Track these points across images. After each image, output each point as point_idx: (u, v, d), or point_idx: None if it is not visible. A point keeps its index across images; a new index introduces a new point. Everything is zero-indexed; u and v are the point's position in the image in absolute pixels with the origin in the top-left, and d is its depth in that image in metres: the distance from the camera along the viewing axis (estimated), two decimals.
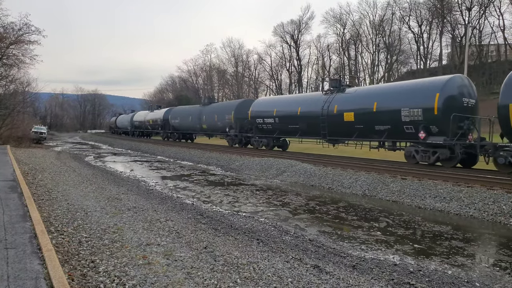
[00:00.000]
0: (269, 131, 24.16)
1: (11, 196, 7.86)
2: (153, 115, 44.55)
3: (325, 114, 19.28)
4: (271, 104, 24.38)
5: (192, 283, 4.22)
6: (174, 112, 38.86)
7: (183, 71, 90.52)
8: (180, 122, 36.72)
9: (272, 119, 23.44)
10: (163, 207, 9.02)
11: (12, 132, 31.36)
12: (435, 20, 53.55)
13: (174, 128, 38.17)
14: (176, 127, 37.94)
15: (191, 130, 35.82)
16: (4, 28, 28.34)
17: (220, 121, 29.06)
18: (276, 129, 23.52)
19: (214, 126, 30.38)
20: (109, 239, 5.72)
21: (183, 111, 37.62)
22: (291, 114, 21.98)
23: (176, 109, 40.05)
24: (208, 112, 31.46)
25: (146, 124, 46.37)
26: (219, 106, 32.07)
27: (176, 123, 37.62)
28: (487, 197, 9.84)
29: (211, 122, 30.47)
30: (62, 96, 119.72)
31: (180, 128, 37.51)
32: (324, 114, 19.32)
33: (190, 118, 34.14)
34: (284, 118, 22.61)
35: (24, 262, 4.14)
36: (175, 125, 37.98)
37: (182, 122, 36.34)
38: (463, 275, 5.52)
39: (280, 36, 70.27)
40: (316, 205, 10.52)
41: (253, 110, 25.36)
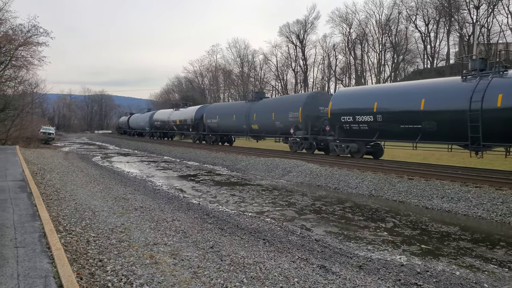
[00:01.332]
0: (362, 133, 17.80)
1: (21, 196, 7.95)
2: (180, 114, 38.67)
3: (477, 109, 13.20)
4: (367, 97, 18.02)
5: (199, 282, 4.24)
6: (211, 110, 32.79)
7: (189, 72, 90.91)
8: (220, 122, 30.58)
9: (369, 117, 17.13)
10: (170, 207, 9.06)
11: (21, 133, 31.75)
12: (442, 19, 53.10)
13: (211, 129, 32.14)
14: (213, 128, 31.87)
15: (235, 131, 29.73)
16: (13, 30, 28.74)
17: (279, 120, 23.48)
18: (375, 130, 17.16)
19: (269, 127, 24.81)
20: (116, 238, 5.77)
21: (224, 108, 32.14)
22: (407, 109, 15.72)
23: (213, 107, 34.49)
24: (260, 109, 25.87)
25: (170, 124, 40.36)
26: (278, 102, 26.70)
27: (213, 124, 31.53)
28: (496, 197, 9.75)
29: (266, 121, 24.87)
30: (70, 97, 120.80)
31: (218, 129, 31.40)
32: (476, 109, 13.22)
33: (234, 117, 28.28)
34: (394, 116, 16.23)
35: (34, 261, 4.20)
36: (212, 126, 31.92)
37: (222, 122, 30.27)
38: (471, 276, 5.47)
39: (285, 36, 70.20)
40: (322, 205, 10.50)
41: (335, 105, 19.16)
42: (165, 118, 42.22)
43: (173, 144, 35.28)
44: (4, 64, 28.96)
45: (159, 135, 45.72)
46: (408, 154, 21.05)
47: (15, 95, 33.93)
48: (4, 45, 27.49)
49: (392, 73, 59.42)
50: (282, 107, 24.04)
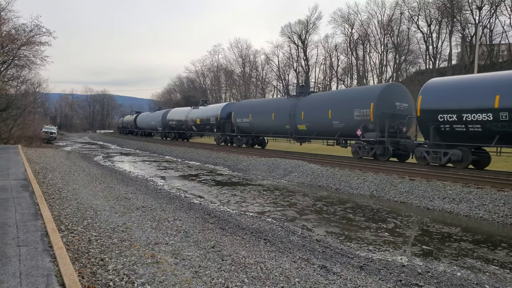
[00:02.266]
0: (471, 136, 14.01)
1: (23, 195, 7.98)
2: (200, 113, 34.82)
3: None
4: (482, 88, 13.78)
5: (200, 282, 4.25)
6: (241, 108, 28.70)
7: (190, 72, 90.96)
8: (253, 122, 26.48)
9: (485, 116, 13.23)
10: (171, 207, 9.08)
11: (23, 132, 31.88)
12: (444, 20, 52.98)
13: (241, 129, 28.11)
14: (244, 128, 27.83)
15: (273, 132, 25.42)
16: (15, 29, 28.83)
17: (339, 118, 19.24)
18: (493, 132, 13.23)
19: (323, 127, 20.34)
20: (118, 237, 5.78)
21: (259, 106, 27.55)
22: None
23: (245, 104, 30.31)
24: (309, 105, 21.70)
25: (189, 124, 36.63)
26: (336, 97, 21.38)
27: (245, 123, 27.47)
28: (498, 198, 9.74)
29: (318, 120, 20.58)
30: (72, 96, 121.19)
31: (251, 130, 27.18)
32: None
33: (273, 116, 24.23)
34: None
35: (36, 260, 4.21)
36: (242, 126, 27.88)
37: (257, 122, 26.18)
38: (472, 277, 5.47)
39: (287, 36, 70.15)
40: (324, 206, 10.50)
41: (428, 100, 15.16)
42: (182, 117, 38.42)
43: (175, 144, 35.29)
44: (6, 64, 29.06)
45: (174, 135, 41.95)
46: None
47: (17, 95, 34.07)
48: (7, 44, 27.58)
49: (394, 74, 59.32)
50: (343, 103, 19.36)
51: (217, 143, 32.45)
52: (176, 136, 41.95)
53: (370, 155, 18.04)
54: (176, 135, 41.89)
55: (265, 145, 29.51)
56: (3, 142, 28.16)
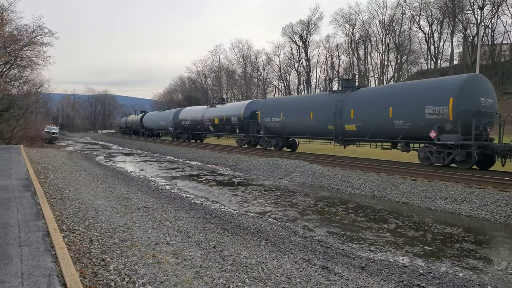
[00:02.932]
0: None
1: (25, 195, 8.00)
2: (219, 112, 31.77)
3: None
4: None
5: (201, 282, 4.25)
6: (270, 106, 25.30)
7: (192, 72, 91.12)
8: (286, 122, 23.18)
9: None
10: (172, 207, 9.09)
11: (25, 132, 31.94)
12: (446, 20, 52.89)
13: (270, 130, 24.93)
14: (274, 129, 24.47)
15: (311, 133, 21.72)
16: (18, 30, 28.91)
17: (404, 117, 15.99)
18: None
19: (381, 127, 17.18)
20: (119, 238, 5.79)
21: (293, 103, 23.98)
22: None
23: (274, 102, 26.83)
24: (361, 102, 18.42)
25: (205, 124, 33.76)
26: (399, 91, 17.34)
27: (275, 124, 24.13)
28: (500, 198, 9.71)
29: (374, 119, 17.45)
30: (74, 96, 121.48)
31: (283, 131, 23.90)
32: None
33: (312, 115, 20.95)
34: None
35: (38, 260, 4.22)
36: (272, 126, 24.60)
37: (291, 121, 22.89)
38: (474, 278, 5.45)
39: (288, 36, 70.22)
40: (325, 206, 10.49)
41: None
42: (197, 117, 35.36)
43: (176, 144, 35.31)
44: (9, 64, 29.15)
45: (187, 136, 38.87)
46: (411, 155, 20.97)
47: (19, 95, 34.16)
48: (9, 45, 27.66)
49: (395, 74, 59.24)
50: (410, 99, 15.98)
51: (239, 145, 29.45)
52: (189, 137, 38.80)
53: (447, 162, 14.94)
54: (190, 136, 38.73)
55: (296, 148, 25.79)
56: (5, 142, 28.24)
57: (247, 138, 28.28)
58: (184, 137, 39.73)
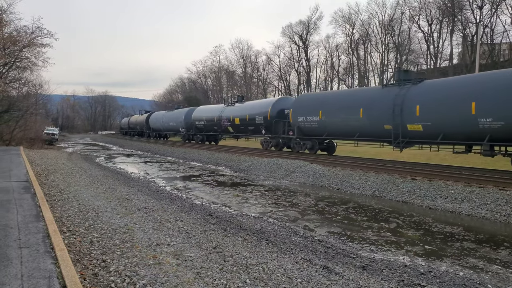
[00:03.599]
0: None
1: (25, 197, 7.99)
2: (240, 111, 28.76)
3: None
4: None
5: (202, 283, 4.24)
6: (305, 103, 22.26)
7: (192, 73, 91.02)
8: (327, 121, 19.94)
9: None
10: (173, 208, 9.08)
11: (25, 134, 31.93)
12: (445, 19, 52.89)
13: (303, 131, 21.74)
14: (310, 129, 21.26)
15: (360, 135, 18.46)
16: (17, 31, 28.88)
17: (494, 114, 13.18)
18: None
19: (459, 126, 14.29)
20: (119, 239, 5.78)
21: (334, 99, 20.69)
22: None
23: (311, 98, 23.61)
24: (431, 96, 15.47)
25: (223, 125, 30.73)
26: (484, 81, 14.07)
27: (311, 123, 20.91)
28: (500, 197, 9.71)
29: (452, 117, 14.42)
30: (73, 98, 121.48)
31: (322, 131, 20.54)
32: None
33: (362, 112, 17.83)
34: None
35: (38, 261, 4.21)
36: (306, 127, 21.40)
37: (333, 121, 19.68)
38: (475, 277, 5.45)
39: (288, 36, 70.15)
40: (325, 206, 10.48)
41: None
42: (213, 116, 32.15)
43: (177, 145, 35.31)
44: (8, 65, 29.13)
45: (201, 138, 35.59)
46: (412, 155, 20.99)
47: (19, 96, 34.15)
48: (9, 46, 27.64)
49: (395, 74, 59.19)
50: (502, 92, 12.99)
51: (264, 147, 26.16)
52: (203, 139, 35.53)
53: None
54: (204, 138, 35.45)
55: (333, 151, 22.66)
56: (5, 143, 28.22)
57: (274, 140, 25.27)
58: (197, 139, 36.32)
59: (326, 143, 22.33)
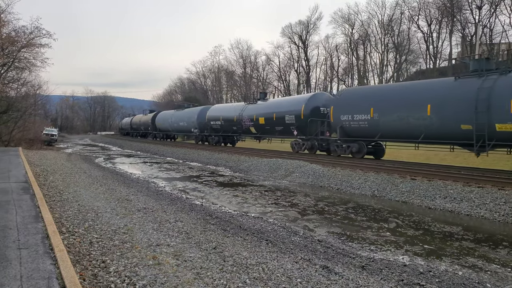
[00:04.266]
0: None
1: (24, 197, 7.98)
2: (265, 109, 25.97)
3: None
4: None
5: (202, 283, 4.25)
6: (351, 99, 19.41)
7: (191, 73, 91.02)
8: (380, 120, 17.19)
9: None
10: (173, 208, 9.08)
11: (24, 134, 31.88)
12: (444, 19, 52.95)
13: (347, 132, 19.10)
14: (358, 130, 18.44)
15: (425, 136, 15.53)
16: (15, 31, 28.85)
17: None
18: None
19: None
20: (119, 239, 5.78)
21: (392, 94, 17.63)
22: None
23: (359, 93, 20.35)
24: None
25: (245, 125, 27.73)
26: None
27: (360, 123, 18.18)
28: (499, 197, 9.72)
29: None
30: (73, 98, 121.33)
31: (373, 132, 17.73)
32: None
33: (430, 109, 15.10)
34: None
35: (37, 262, 4.21)
36: (352, 128, 18.66)
37: (389, 120, 16.84)
38: (474, 276, 5.46)
39: (288, 36, 70.18)
40: (325, 206, 10.49)
41: None
42: (232, 115, 29.28)
43: (177, 145, 35.30)
44: (7, 66, 29.10)
45: (218, 140, 32.48)
46: (411, 154, 21.00)
47: (18, 97, 34.09)
48: (7, 46, 27.62)
49: (394, 74, 59.32)
50: None
51: (295, 150, 23.43)
52: (220, 140, 32.39)
53: None
54: (221, 139, 32.30)
55: (382, 154, 19.78)
56: (4, 144, 28.19)
57: (309, 142, 22.34)
58: (213, 140, 32.98)
59: (372, 145, 19.37)
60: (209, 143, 33.92)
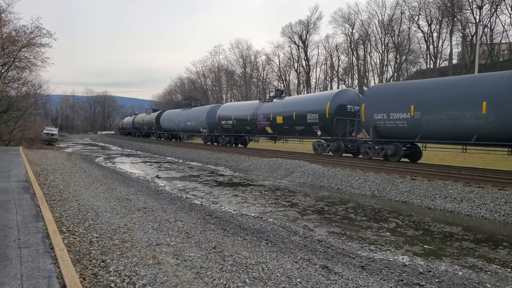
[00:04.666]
0: None
1: (24, 197, 7.99)
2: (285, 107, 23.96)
3: None
4: None
5: (202, 283, 4.25)
6: (387, 94, 17.43)
7: (191, 73, 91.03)
8: (423, 119, 15.31)
9: None
10: (173, 208, 9.08)
11: (24, 134, 31.87)
12: (445, 19, 52.92)
13: (380, 133, 17.24)
14: (395, 131, 16.53)
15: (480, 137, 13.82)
16: (16, 31, 28.85)
17: None
18: None
19: None
20: (119, 239, 5.78)
21: (436, 88, 15.44)
22: None
23: (397, 89, 17.87)
24: None
25: (260, 124, 25.93)
26: None
27: (396, 123, 16.36)
28: (499, 197, 9.72)
29: None
30: (73, 98, 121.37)
31: (413, 133, 15.79)
32: None
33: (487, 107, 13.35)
34: None
35: (37, 261, 4.22)
36: (387, 128, 16.78)
37: (432, 119, 15.11)
38: (474, 276, 5.46)
39: (288, 36, 70.17)
40: (325, 206, 10.49)
41: None
42: (245, 114, 27.36)
43: (176, 145, 35.29)
44: (7, 65, 29.10)
45: (229, 140, 30.74)
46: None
47: (18, 96, 34.09)
48: (7, 46, 27.62)
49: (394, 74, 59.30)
50: None
51: (318, 151, 21.67)
52: (231, 140, 30.67)
53: None
54: (232, 139, 30.62)
55: (419, 157, 17.92)
56: (4, 144, 28.19)
57: (335, 143, 20.36)
58: (224, 141, 31.23)
59: (407, 147, 17.57)
60: (219, 143, 32.26)
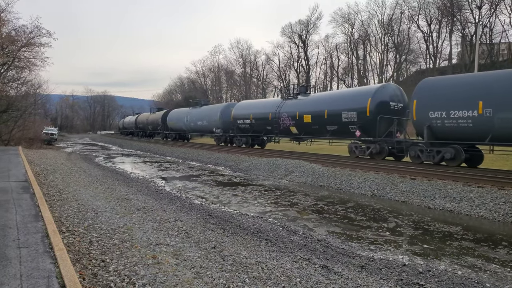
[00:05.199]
0: None
1: (24, 197, 7.98)
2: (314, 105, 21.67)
3: None
4: None
5: (201, 282, 4.25)
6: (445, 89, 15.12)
7: (191, 72, 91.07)
8: (495, 118, 13.25)
9: None
10: (172, 207, 9.08)
11: (23, 134, 31.88)
12: (444, 19, 52.94)
13: (436, 133, 15.26)
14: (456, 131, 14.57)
15: None
16: (15, 31, 28.84)
17: None
18: None
19: None
20: (119, 239, 5.78)
21: None
22: None
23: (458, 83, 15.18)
24: None
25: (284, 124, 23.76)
26: None
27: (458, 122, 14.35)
28: (498, 197, 9.73)
29: None
30: (72, 98, 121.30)
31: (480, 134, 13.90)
32: None
33: None
34: None
35: (37, 261, 4.21)
36: (445, 128, 14.82)
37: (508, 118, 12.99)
38: (473, 276, 5.46)
39: (288, 36, 70.19)
40: (325, 206, 10.49)
41: None
42: (266, 113, 25.33)
43: (176, 144, 35.29)
44: (7, 65, 29.08)
45: (246, 141, 28.64)
46: None
47: (18, 96, 34.07)
48: (7, 46, 27.60)
49: (394, 73, 59.33)
50: None
51: (355, 154, 19.40)
52: (248, 141, 28.46)
53: None
54: (249, 140, 28.38)
55: (481, 161, 15.68)
56: (3, 143, 28.18)
57: (377, 145, 17.90)
58: (240, 141, 29.11)
59: (464, 150, 14.91)
60: (235, 144, 29.98)
